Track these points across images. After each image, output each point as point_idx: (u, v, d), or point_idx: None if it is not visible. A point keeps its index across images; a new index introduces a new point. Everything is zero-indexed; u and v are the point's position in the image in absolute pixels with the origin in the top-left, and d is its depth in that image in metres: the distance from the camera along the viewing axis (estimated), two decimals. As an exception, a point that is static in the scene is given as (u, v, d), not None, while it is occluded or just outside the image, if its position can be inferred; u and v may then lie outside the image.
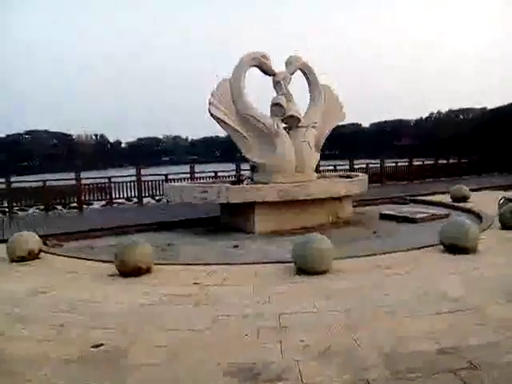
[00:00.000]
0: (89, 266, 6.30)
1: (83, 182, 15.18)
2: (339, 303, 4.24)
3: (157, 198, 15.74)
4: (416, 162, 21.19)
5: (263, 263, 6.02)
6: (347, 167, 18.74)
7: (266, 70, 10.09)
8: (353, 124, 75.49)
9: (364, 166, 19.38)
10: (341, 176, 12.04)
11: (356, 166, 19.03)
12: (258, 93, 10.77)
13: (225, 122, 9.46)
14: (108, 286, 5.20)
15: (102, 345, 3.43)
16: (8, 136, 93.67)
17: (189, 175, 15.74)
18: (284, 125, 10.03)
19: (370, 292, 4.58)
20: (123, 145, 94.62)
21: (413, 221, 9.55)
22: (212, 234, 9.21)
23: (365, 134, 79.96)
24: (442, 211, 10.45)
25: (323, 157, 11.72)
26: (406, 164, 20.45)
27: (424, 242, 6.79)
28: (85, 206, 14.87)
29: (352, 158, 19.43)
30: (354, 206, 11.17)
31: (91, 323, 3.95)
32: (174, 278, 5.47)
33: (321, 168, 15.06)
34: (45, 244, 8.23)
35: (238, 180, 11.23)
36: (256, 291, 4.75)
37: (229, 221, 9.89)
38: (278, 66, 10.29)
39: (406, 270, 5.36)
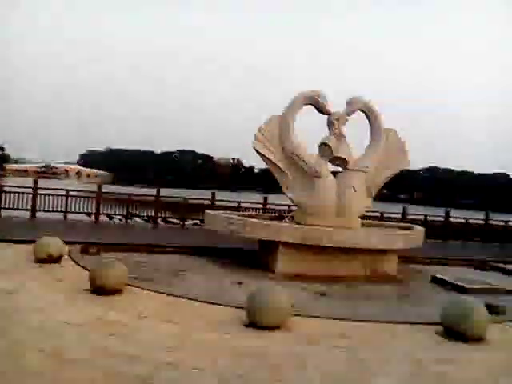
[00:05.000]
0: (85, 275, 6.85)
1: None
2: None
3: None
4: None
5: (218, 305, 5.84)
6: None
7: (321, 109, 9.82)
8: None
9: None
10: (400, 227, 10.84)
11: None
12: (316, 132, 10.50)
13: (267, 158, 9.46)
14: (68, 301, 5.62)
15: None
16: (162, 153, 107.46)
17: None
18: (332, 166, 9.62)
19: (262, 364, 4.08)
20: (256, 170, 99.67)
21: (462, 290, 8.08)
22: (235, 267, 9.11)
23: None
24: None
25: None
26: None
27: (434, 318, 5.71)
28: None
29: (405, 208, 18.38)
30: (413, 262, 10.75)
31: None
32: (131, 305, 5.63)
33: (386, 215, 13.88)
34: (85, 251, 9.27)
35: (279, 216, 11.00)
36: (179, 335, 4.65)
37: (261, 257, 9.74)
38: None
39: (358, 346, 4.64)
